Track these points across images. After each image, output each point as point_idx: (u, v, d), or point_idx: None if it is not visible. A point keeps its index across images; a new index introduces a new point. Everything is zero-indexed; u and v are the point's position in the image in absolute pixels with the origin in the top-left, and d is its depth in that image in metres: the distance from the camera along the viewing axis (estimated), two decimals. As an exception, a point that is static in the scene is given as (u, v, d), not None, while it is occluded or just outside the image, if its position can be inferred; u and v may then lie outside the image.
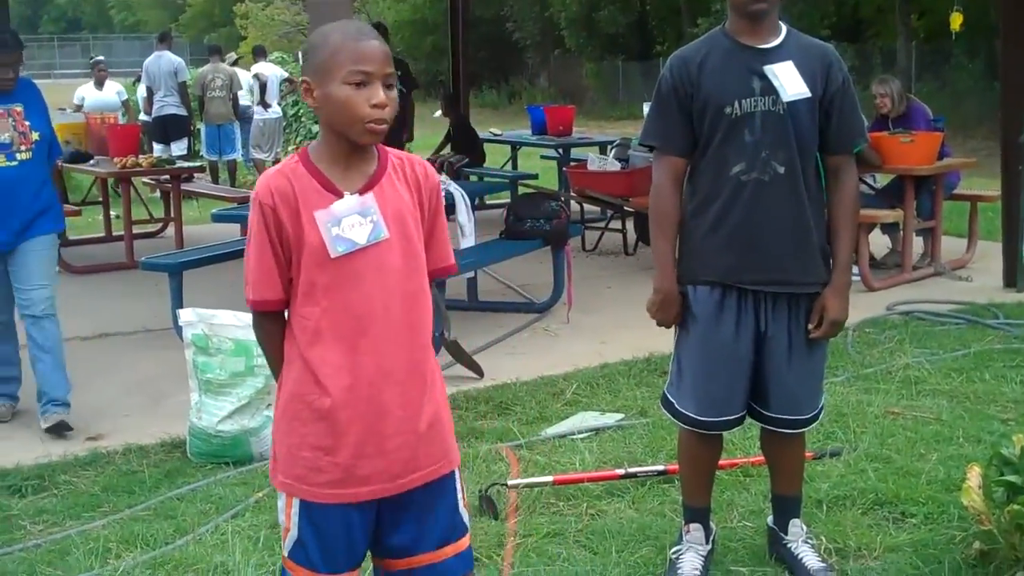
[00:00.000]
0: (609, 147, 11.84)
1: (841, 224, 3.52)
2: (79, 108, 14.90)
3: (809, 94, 3.39)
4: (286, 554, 2.57)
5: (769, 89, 3.39)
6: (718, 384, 3.52)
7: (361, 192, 2.49)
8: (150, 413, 5.63)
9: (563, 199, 8.53)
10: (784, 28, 3.49)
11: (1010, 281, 8.11)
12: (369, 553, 2.65)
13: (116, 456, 4.97)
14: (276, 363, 2.59)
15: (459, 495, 2.67)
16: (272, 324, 2.57)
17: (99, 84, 15.75)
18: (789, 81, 3.38)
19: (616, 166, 10.62)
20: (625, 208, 10.08)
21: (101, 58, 16.98)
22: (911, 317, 7.18)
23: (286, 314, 2.55)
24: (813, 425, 3.70)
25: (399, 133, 11.31)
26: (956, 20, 10.43)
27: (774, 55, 3.42)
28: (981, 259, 8.97)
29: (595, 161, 10.89)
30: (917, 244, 8.85)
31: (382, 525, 2.59)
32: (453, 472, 2.65)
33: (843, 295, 3.51)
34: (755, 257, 3.44)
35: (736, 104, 3.41)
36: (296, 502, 2.52)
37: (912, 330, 6.82)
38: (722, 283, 3.47)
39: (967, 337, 6.65)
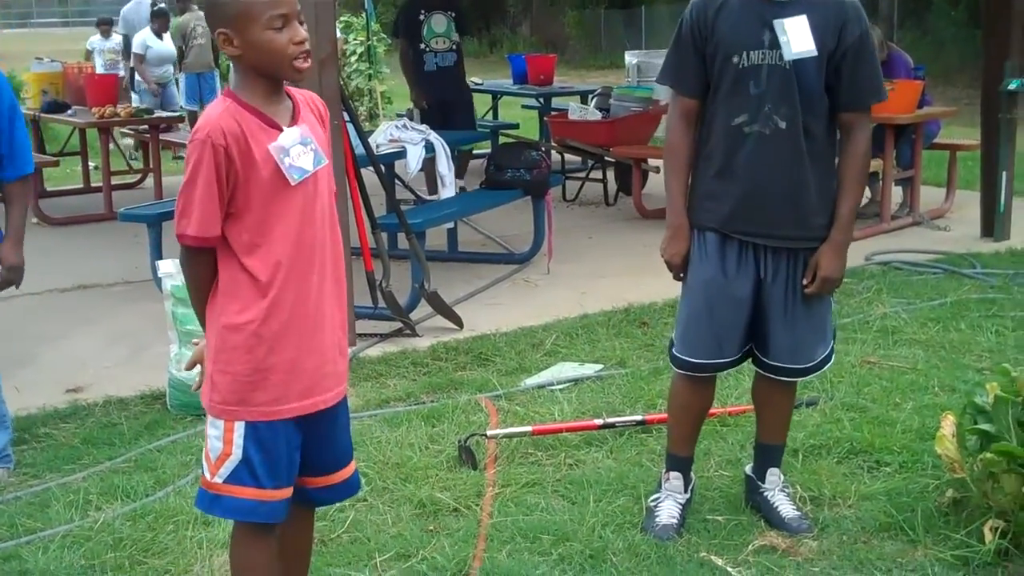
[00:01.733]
0: (590, 96, 11.80)
1: (846, 182, 3.51)
2: (141, 59, 14.01)
3: (815, 52, 3.36)
4: (222, 480, 2.65)
5: (777, 43, 3.37)
6: (715, 324, 3.54)
7: (292, 124, 2.64)
8: (130, 365, 5.63)
9: (544, 149, 8.52)
10: None
11: (988, 231, 8.16)
12: None
13: (96, 408, 4.97)
14: (206, 295, 2.68)
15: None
16: (209, 257, 2.65)
17: (159, 34, 14.29)
18: (797, 37, 3.35)
19: (597, 116, 10.60)
20: (606, 158, 10.06)
21: (163, 5, 15.50)
22: (889, 267, 7.22)
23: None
24: (814, 375, 3.75)
25: (459, 89, 9.76)
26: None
27: (789, 8, 3.39)
28: (959, 208, 9.01)
29: (576, 110, 10.87)
30: (896, 194, 8.87)
31: (307, 441, 2.75)
32: None
33: (839, 253, 3.51)
34: (752, 209, 3.45)
35: (744, 55, 3.40)
36: (241, 425, 2.64)
37: (890, 280, 6.86)
38: (721, 231, 3.49)
39: (944, 287, 6.69)
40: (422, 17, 8.22)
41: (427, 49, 9.13)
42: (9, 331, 6.29)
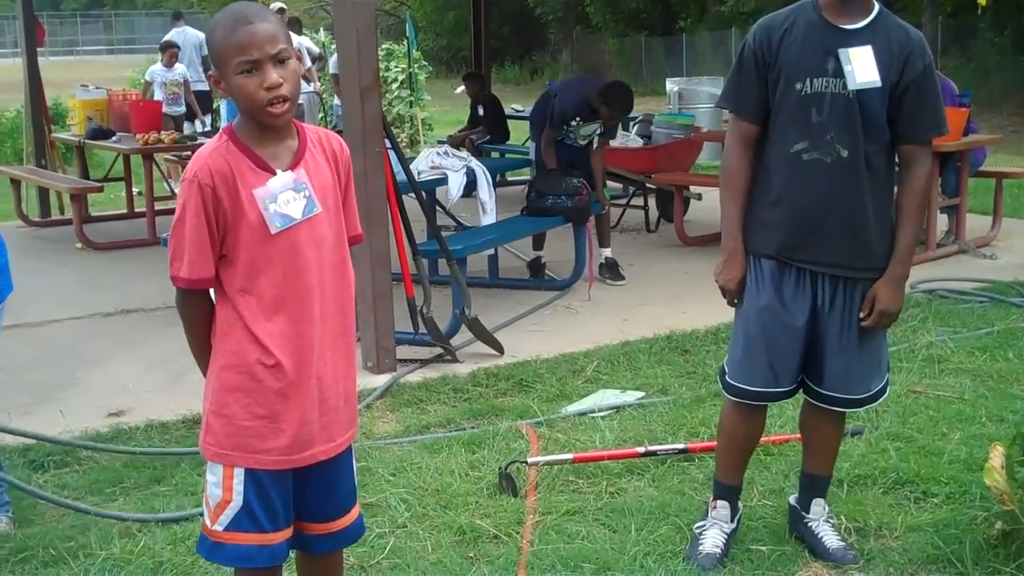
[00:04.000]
0: (631, 123, 11.79)
1: (905, 214, 3.46)
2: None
3: (879, 83, 3.33)
4: (223, 527, 2.62)
5: (841, 71, 3.34)
6: (771, 352, 3.50)
7: (291, 168, 2.59)
8: (171, 389, 5.64)
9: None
10: (876, 8, 3.41)
11: (1035, 259, 8.05)
12: None
13: (137, 432, 4.98)
14: (203, 339, 2.66)
15: (354, 461, 2.87)
16: (204, 300, 2.64)
17: None
18: (861, 67, 3.32)
19: (638, 142, 10.60)
20: (647, 185, 10.04)
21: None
22: (935, 295, 7.14)
23: (212, 293, 2.64)
24: (866, 407, 3.70)
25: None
26: (983, -6, 10.33)
27: (855, 37, 3.35)
28: (1006, 237, 8.91)
29: (617, 137, 10.84)
30: (941, 221, 8.79)
31: (306, 488, 2.71)
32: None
33: (898, 286, 3.46)
34: (810, 238, 3.42)
35: (807, 81, 3.37)
36: (240, 471, 2.60)
37: (935, 308, 6.78)
38: (778, 258, 3.46)
39: (991, 315, 6.61)
40: (575, 123, 8.01)
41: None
42: (53, 355, 6.34)
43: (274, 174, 2.55)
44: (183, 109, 13.88)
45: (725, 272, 3.57)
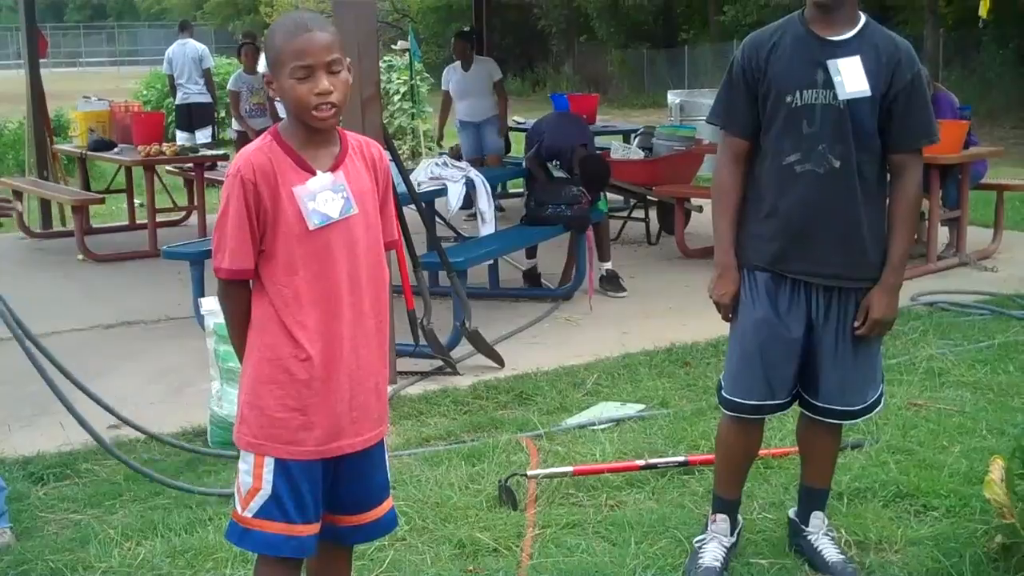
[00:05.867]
0: (633, 135, 11.81)
1: (897, 223, 3.48)
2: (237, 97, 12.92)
3: (868, 93, 3.35)
4: (252, 514, 2.70)
5: (831, 83, 3.36)
6: (765, 366, 3.50)
7: (331, 170, 2.71)
8: (171, 401, 5.65)
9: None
10: (862, 19, 3.43)
11: (1036, 271, 8.05)
12: None
13: (137, 444, 4.98)
14: (242, 330, 2.76)
15: (387, 454, 2.94)
16: (244, 291, 2.74)
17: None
18: (850, 78, 3.34)
19: (639, 155, 10.60)
20: (648, 197, 10.04)
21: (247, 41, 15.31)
22: (935, 308, 7.14)
23: (251, 284, 2.73)
24: (863, 418, 3.70)
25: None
26: (984, 6, 10.33)
27: (843, 48, 3.38)
28: (1007, 249, 8.91)
29: (618, 149, 10.87)
30: (942, 234, 8.79)
31: (338, 481, 2.79)
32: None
33: (891, 294, 3.47)
34: (804, 248, 3.43)
35: (797, 94, 3.38)
36: (270, 460, 2.69)
37: (936, 321, 6.78)
38: (772, 270, 3.46)
39: (991, 328, 6.61)
40: (554, 164, 8.13)
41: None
42: (54, 366, 6.32)
43: (314, 174, 2.67)
44: (269, 122, 11.44)
45: (719, 287, 3.57)
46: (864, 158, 3.40)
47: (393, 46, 17.69)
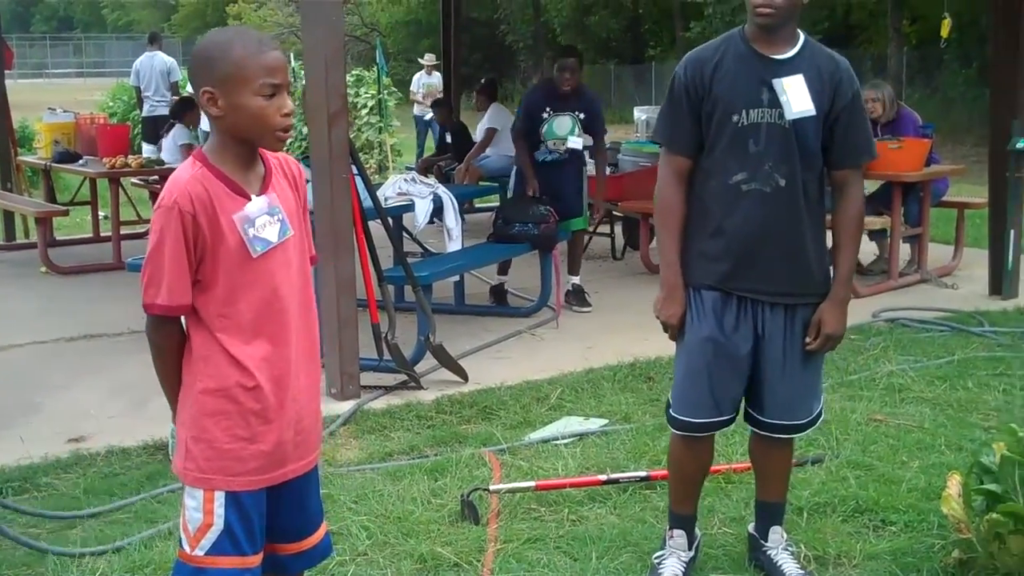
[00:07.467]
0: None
1: (844, 238, 3.52)
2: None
3: (814, 112, 3.38)
4: (204, 552, 2.61)
5: (777, 102, 3.38)
6: (713, 384, 3.52)
7: (262, 192, 2.62)
8: (134, 416, 5.60)
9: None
10: (802, 38, 3.46)
11: (995, 288, 8.13)
12: None
13: (98, 458, 4.95)
14: (174, 368, 2.66)
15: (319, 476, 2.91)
16: (177, 325, 2.64)
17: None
18: (796, 97, 3.37)
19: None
20: (613, 212, 10.08)
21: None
22: (896, 324, 7.19)
23: (183, 317, 2.63)
24: (808, 431, 3.72)
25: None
26: (945, 27, 10.45)
27: (786, 67, 3.40)
28: (967, 266, 8.99)
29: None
30: (904, 251, 8.86)
31: (279, 507, 2.73)
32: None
33: (841, 309, 3.50)
34: (751, 267, 3.44)
35: (744, 113, 3.40)
36: (220, 495, 2.61)
37: (897, 337, 6.83)
38: (720, 288, 3.48)
39: (952, 344, 6.67)
40: (545, 115, 7.90)
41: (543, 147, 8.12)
42: (14, 379, 6.29)
43: (249, 199, 2.57)
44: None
45: (666, 308, 3.58)
46: (808, 176, 3.43)
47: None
